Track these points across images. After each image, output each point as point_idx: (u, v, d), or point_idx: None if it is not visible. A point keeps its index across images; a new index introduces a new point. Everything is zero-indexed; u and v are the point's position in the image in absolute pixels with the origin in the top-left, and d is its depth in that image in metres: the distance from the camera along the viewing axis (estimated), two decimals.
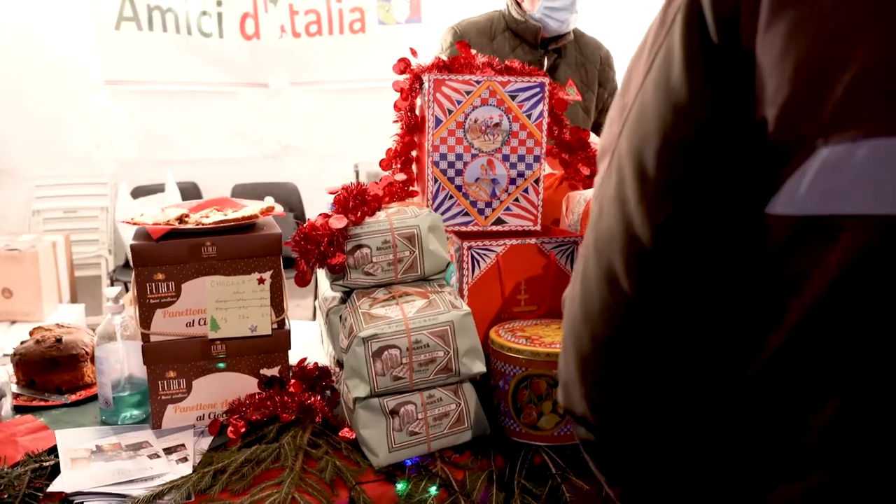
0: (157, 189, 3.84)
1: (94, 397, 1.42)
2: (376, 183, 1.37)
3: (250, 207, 1.40)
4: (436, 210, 1.44)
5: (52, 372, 1.47)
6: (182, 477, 1.10)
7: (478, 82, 1.44)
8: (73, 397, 1.44)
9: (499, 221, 1.49)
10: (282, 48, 4.10)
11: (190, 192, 4.01)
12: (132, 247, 1.25)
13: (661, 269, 0.56)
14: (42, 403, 1.41)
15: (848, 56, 0.47)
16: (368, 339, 1.13)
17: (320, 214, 1.29)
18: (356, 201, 1.27)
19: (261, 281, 1.30)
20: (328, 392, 1.39)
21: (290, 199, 4.17)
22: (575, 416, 0.64)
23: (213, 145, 4.18)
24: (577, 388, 0.62)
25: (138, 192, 3.86)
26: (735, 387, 0.55)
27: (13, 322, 3.06)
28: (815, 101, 0.48)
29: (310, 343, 1.72)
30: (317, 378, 1.39)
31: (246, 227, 1.34)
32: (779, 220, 0.50)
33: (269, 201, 1.53)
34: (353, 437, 1.20)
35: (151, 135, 4.08)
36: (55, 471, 1.13)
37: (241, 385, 1.32)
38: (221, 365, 1.31)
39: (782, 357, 0.51)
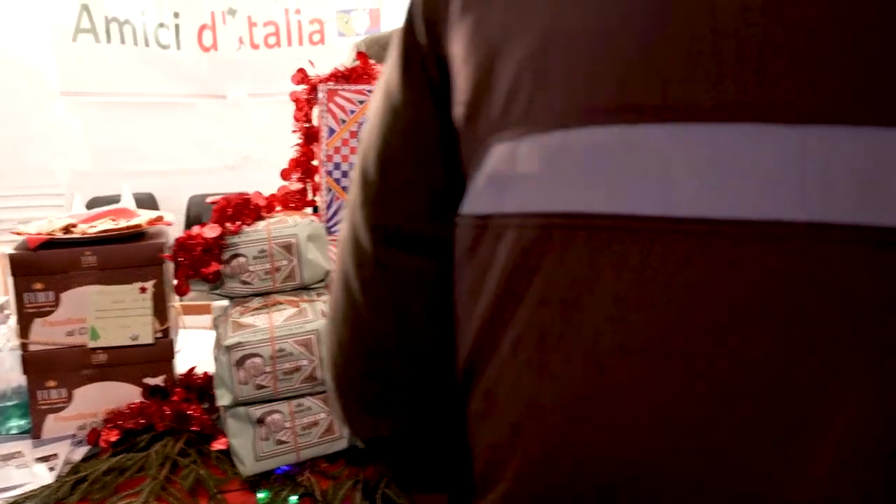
0: (113, 200, 3.78)
1: None
2: (260, 193, 1.37)
3: (140, 218, 1.40)
4: (330, 219, 1.45)
5: None
6: (41, 486, 1.10)
7: (370, 92, 1.45)
8: None
9: None
10: (240, 60, 4.10)
11: (147, 202, 4.00)
12: (9, 256, 1.25)
13: (380, 275, 0.56)
14: None
15: (510, 54, 0.47)
16: (231, 348, 1.13)
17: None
18: (235, 210, 1.28)
19: (142, 290, 1.31)
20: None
21: None
22: (340, 420, 0.64)
23: (172, 156, 4.18)
24: (332, 391, 0.63)
25: (94, 204, 3.84)
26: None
27: None
28: (488, 99, 0.48)
29: None
30: (204, 387, 1.39)
31: (133, 236, 1.35)
32: (464, 221, 0.51)
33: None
34: (227, 446, 1.19)
35: (109, 146, 4.07)
36: None
37: (124, 394, 1.32)
38: None
39: (467, 374, 0.51)
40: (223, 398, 1.15)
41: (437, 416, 0.58)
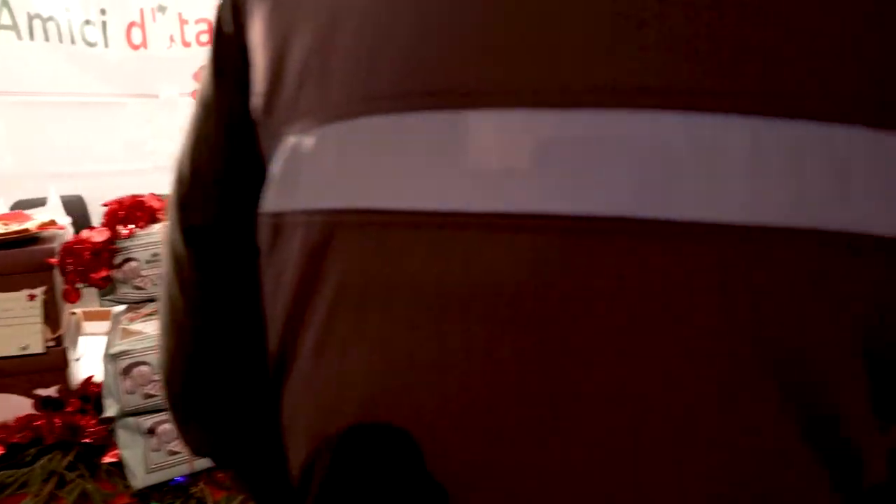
0: (39, 203, 3.69)
1: None
2: (155, 194, 1.33)
3: (31, 221, 1.34)
4: None
5: None
6: None
7: None
8: None
9: None
10: (172, 58, 4.01)
11: (75, 205, 3.87)
12: None
13: (196, 278, 0.53)
14: None
15: (300, 41, 0.45)
16: (117, 357, 1.09)
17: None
18: (128, 213, 1.23)
19: (31, 297, 1.25)
20: None
21: None
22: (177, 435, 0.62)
23: (102, 158, 4.06)
24: (167, 405, 0.60)
25: (19, 207, 3.71)
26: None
27: None
28: (280, 90, 0.46)
29: None
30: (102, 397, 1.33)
31: (23, 241, 1.29)
32: (263, 219, 0.48)
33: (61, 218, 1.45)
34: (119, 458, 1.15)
35: (35, 147, 3.94)
36: None
37: (14, 407, 1.25)
38: None
39: (275, 382, 0.49)
40: (111, 408, 1.11)
41: (266, 425, 0.55)
